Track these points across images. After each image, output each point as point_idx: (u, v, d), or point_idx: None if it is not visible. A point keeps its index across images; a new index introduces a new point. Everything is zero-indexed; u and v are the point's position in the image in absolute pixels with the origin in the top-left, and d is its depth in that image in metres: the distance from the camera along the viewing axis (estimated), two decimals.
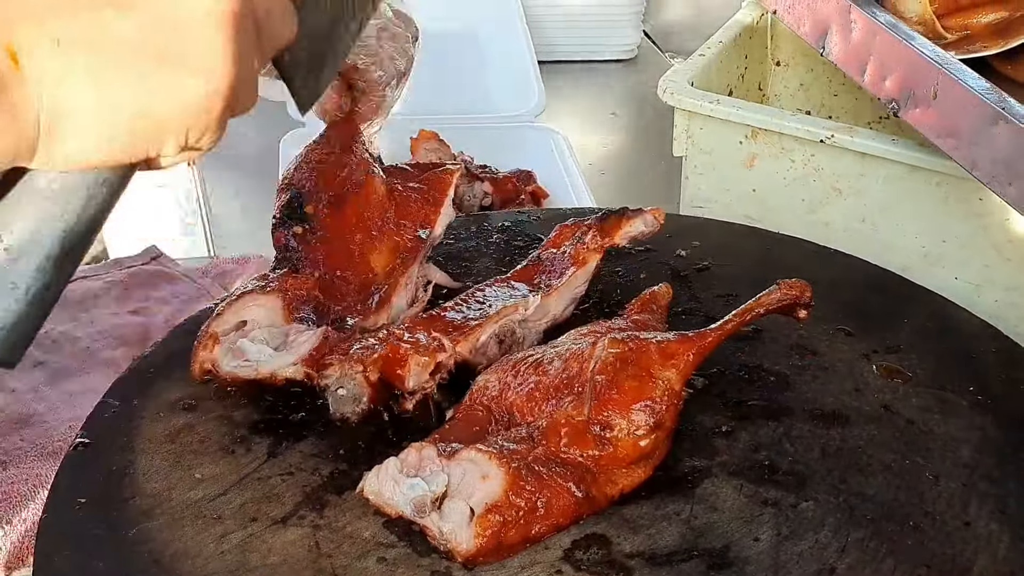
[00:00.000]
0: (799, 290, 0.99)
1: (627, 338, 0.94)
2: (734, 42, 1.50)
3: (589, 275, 1.13)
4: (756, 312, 0.97)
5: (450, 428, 0.94)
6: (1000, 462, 0.98)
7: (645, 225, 1.15)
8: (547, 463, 0.88)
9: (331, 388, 0.99)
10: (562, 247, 1.14)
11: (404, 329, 1.02)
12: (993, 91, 1.00)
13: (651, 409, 0.90)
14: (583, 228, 1.14)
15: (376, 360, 0.98)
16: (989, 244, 1.25)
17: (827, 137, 1.26)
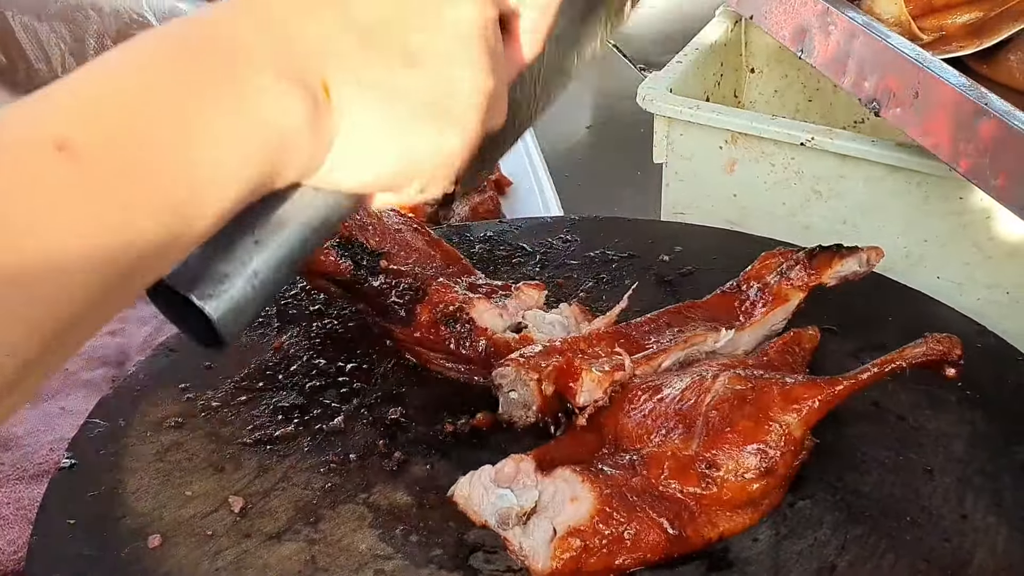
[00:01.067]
0: (947, 346, 0.93)
1: (750, 376, 0.90)
2: (710, 49, 1.51)
3: (788, 314, 1.07)
4: (898, 365, 0.91)
5: (557, 445, 0.92)
6: (993, 455, 0.98)
7: (859, 265, 1.08)
8: (643, 494, 0.85)
9: (503, 388, 0.98)
10: (764, 279, 1.08)
11: (587, 341, 1.00)
12: (974, 87, 1.01)
13: (764, 453, 0.85)
14: (790, 262, 1.08)
15: (551, 372, 0.96)
16: (970, 242, 1.26)
17: (807, 140, 1.26)
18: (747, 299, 1.07)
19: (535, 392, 0.97)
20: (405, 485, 0.94)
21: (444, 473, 0.95)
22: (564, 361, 0.96)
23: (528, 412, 0.98)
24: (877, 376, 0.90)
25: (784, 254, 1.09)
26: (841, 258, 1.07)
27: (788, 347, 1.01)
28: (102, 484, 0.93)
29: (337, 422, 1.01)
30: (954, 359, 0.92)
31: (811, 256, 1.08)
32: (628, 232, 1.29)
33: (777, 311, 1.06)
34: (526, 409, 0.98)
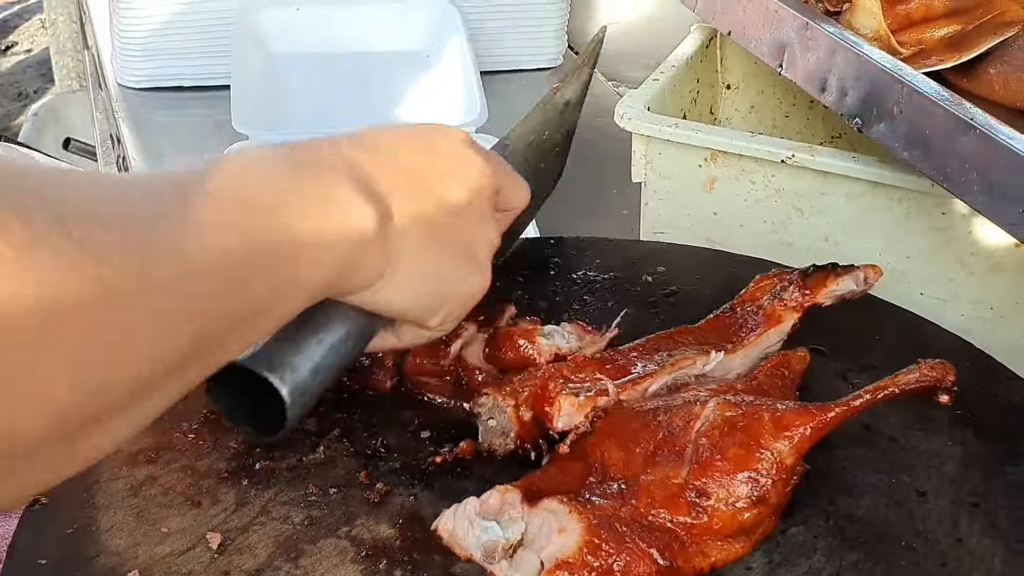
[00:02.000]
0: (941, 372, 0.91)
1: (740, 402, 0.89)
2: (686, 66, 1.50)
3: (783, 335, 1.05)
4: (890, 391, 0.90)
5: (543, 474, 0.90)
6: (986, 476, 0.97)
7: (856, 284, 1.06)
8: (631, 524, 0.83)
9: (482, 417, 0.97)
10: (759, 301, 1.06)
11: (572, 368, 0.98)
12: (958, 102, 1.00)
13: (755, 481, 0.84)
14: (783, 283, 1.06)
15: (527, 397, 0.95)
16: (953, 258, 1.25)
17: (787, 157, 1.25)
18: (740, 322, 1.05)
19: (512, 419, 0.96)
20: (388, 517, 0.91)
21: (428, 504, 0.93)
22: (539, 385, 0.95)
23: (507, 440, 0.97)
24: (869, 403, 0.89)
25: (778, 275, 1.07)
26: (836, 277, 1.06)
27: (777, 370, 1.00)
28: (75, 522, 0.90)
29: (317, 453, 0.98)
30: (947, 385, 0.91)
31: (805, 276, 1.06)
32: (610, 253, 1.27)
33: (771, 333, 1.04)
34: (504, 437, 0.97)
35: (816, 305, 1.06)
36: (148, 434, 0.99)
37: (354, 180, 0.71)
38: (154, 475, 0.95)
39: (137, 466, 0.96)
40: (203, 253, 0.59)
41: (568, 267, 1.25)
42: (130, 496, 0.92)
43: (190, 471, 0.95)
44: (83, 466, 0.58)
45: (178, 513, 0.91)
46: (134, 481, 0.94)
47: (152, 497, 0.92)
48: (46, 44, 5.17)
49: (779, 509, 0.87)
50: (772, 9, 1.21)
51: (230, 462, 0.97)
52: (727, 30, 1.31)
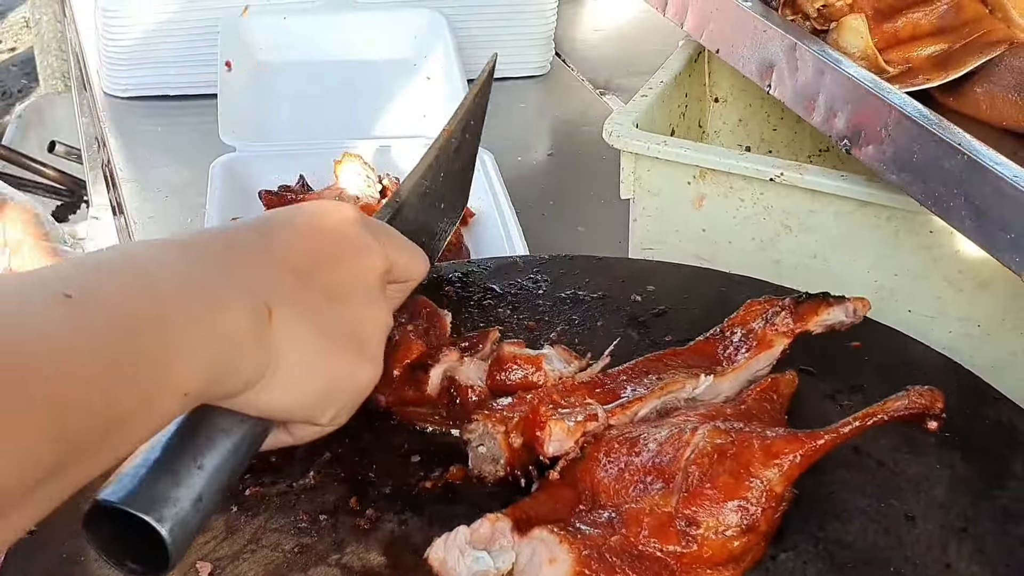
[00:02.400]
0: (929, 399, 0.91)
1: (730, 429, 0.89)
2: (674, 81, 1.50)
3: (773, 359, 1.05)
4: (879, 418, 0.90)
5: (533, 501, 0.89)
6: (974, 500, 0.97)
7: (846, 315, 1.06)
8: (621, 554, 0.83)
9: (472, 443, 0.97)
10: (749, 325, 1.06)
11: (561, 392, 0.98)
12: (946, 126, 1.00)
13: (744, 510, 0.84)
14: (775, 308, 1.06)
15: (518, 423, 0.94)
16: (941, 276, 1.25)
17: (776, 175, 1.25)
18: (730, 345, 1.06)
19: (502, 445, 0.95)
20: (378, 544, 0.91)
21: (417, 530, 0.93)
22: (529, 411, 0.95)
23: (497, 466, 0.96)
24: (859, 430, 0.89)
25: (770, 302, 1.08)
26: (828, 306, 1.06)
27: (766, 394, 1.00)
28: (63, 551, 0.89)
29: (307, 478, 0.98)
30: (936, 412, 0.91)
31: (797, 303, 1.07)
32: (599, 271, 1.27)
33: (761, 357, 1.04)
34: (495, 463, 0.96)
35: (806, 332, 1.06)
36: None
37: (234, 280, 0.70)
38: None
39: None
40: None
41: (556, 286, 1.24)
42: None
43: None
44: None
45: None
46: None
47: None
48: (31, 43, 5.14)
49: (768, 536, 0.88)
50: (760, 29, 1.21)
51: None
52: (715, 48, 1.31)
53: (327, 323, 0.76)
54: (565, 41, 2.69)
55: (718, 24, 1.30)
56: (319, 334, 0.75)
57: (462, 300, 1.22)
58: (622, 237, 1.56)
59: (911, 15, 1.25)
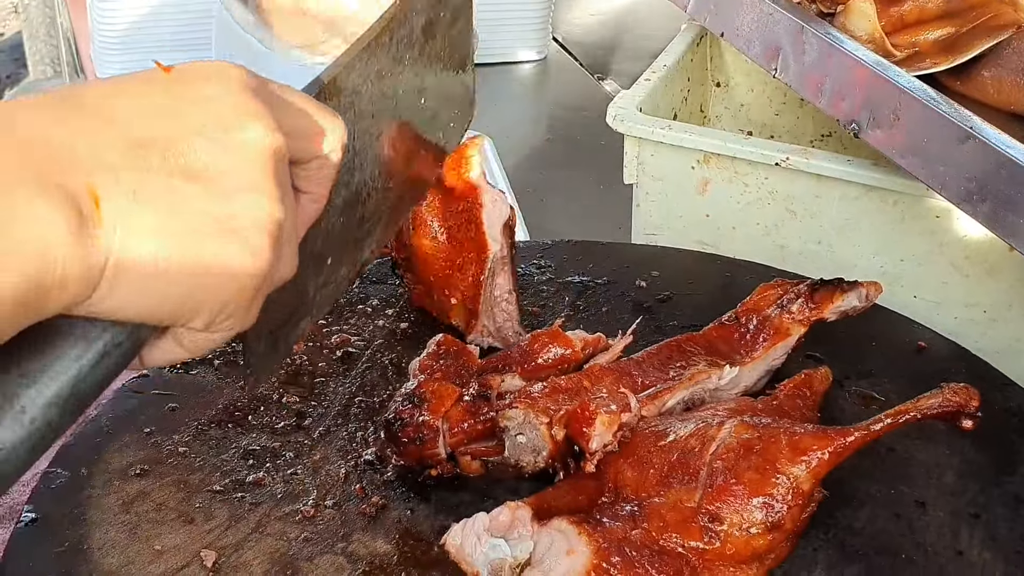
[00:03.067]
0: (964, 396, 0.89)
1: (757, 423, 0.86)
2: (677, 65, 1.48)
3: (789, 348, 1.04)
4: (912, 416, 0.88)
5: (555, 492, 0.88)
6: (984, 487, 0.97)
7: (859, 300, 1.06)
8: (642, 548, 0.81)
9: (510, 431, 0.92)
10: (764, 312, 1.05)
11: (590, 379, 0.95)
12: (957, 110, 0.99)
13: (769, 507, 0.82)
14: (790, 295, 1.05)
15: (563, 416, 0.90)
16: (947, 261, 1.24)
17: (782, 160, 1.24)
18: (747, 332, 1.04)
19: (545, 437, 0.92)
20: (384, 532, 0.90)
21: (424, 518, 0.92)
22: (579, 405, 0.91)
23: (538, 457, 0.93)
24: (890, 427, 0.87)
25: (782, 286, 1.06)
26: (843, 293, 1.05)
27: (799, 390, 0.98)
28: (66, 539, 0.88)
29: (310, 465, 0.97)
30: (971, 411, 0.88)
31: (813, 290, 1.05)
32: (603, 257, 1.26)
33: (778, 346, 1.03)
34: (535, 454, 0.93)
35: (821, 320, 1.05)
36: (139, 447, 0.98)
37: (39, 176, 0.57)
38: (146, 490, 0.93)
39: (128, 481, 0.94)
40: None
41: (560, 271, 1.24)
42: (122, 512, 0.91)
43: (183, 486, 0.94)
44: None
45: (171, 530, 0.89)
46: (126, 496, 0.92)
47: (144, 513, 0.91)
48: (18, 28, 5.10)
49: (794, 535, 0.86)
50: (766, 12, 1.20)
51: (223, 476, 0.95)
52: (720, 31, 1.30)
53: (181, 206, 0.61)
54: (562, 25, 2.68)
55: (723, 7, 1.29)
56: (167, 219, 0.60)
57: None
58: (622, 222, 1.55)
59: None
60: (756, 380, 1.03)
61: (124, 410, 1.02)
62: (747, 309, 1.06)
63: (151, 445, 0.98)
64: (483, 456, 0.95)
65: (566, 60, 2.54)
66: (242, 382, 1.00)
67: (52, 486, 0.93)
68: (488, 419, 0.94)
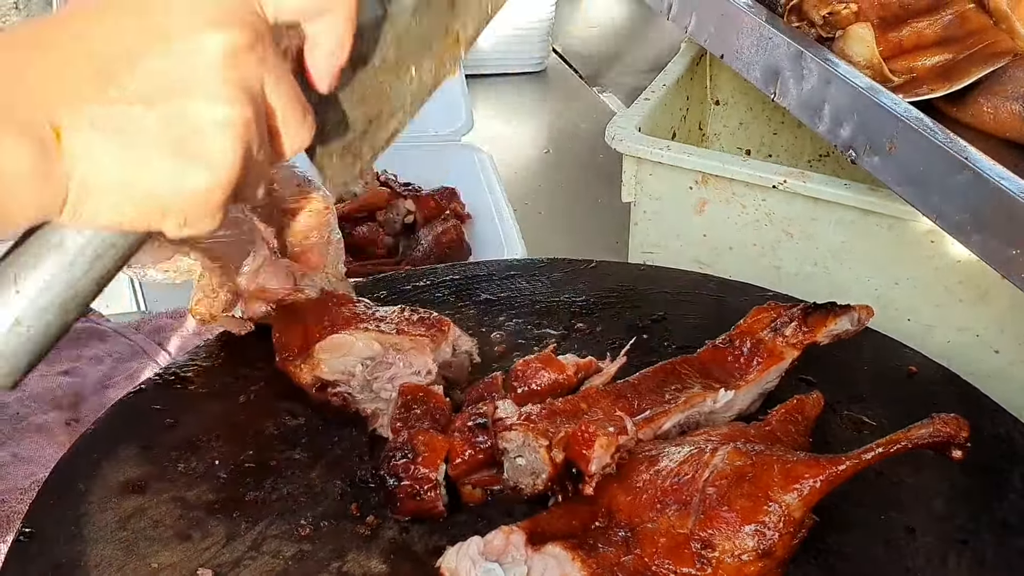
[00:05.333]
0: (955, 427, 0.90)
1: (750, 451, 0.87)
2: (676, 84, 1.49)
3: (783, 371, 1.05)
4: (902, 445, 0.89)
5: (549, 515, 0.88)
6: (973, 512, 0.97)
7: (851, 323, 1.06)
8: (634, 574, 0.82)
9: (509, 454, 0.93)
10: (757, 335, 1.05)
11: (586, 401, 0.96)
12: (953, 140, 1.00)
13: (761, 534, 0.82)
14: (784, 318, 1.06)
15: (563, 439, 0.91)
16: (941, 285, 1.25)
17: (779, 183, 1.25)
18: (740, 355, 1.05)
19: (544, 460, 0.92)
20: (379, 551, 0.91)
21: (419, 538, 0.92)
22: (579, 427, 0.91)
23: (537, 480, 0.93)
24: (882, 456, 0.88)
25: (775, 309, 1.07)
26: (835, 316, 1.06)
27: (791, 415, 0.99)
28: (62, 556, 0.89)
29: (306, 483, 0.97)
30: (961, 441, 0.89)
31: (807, 314, 1.06)
32: (598, 276, 1.27)
33: (772, 369, 1.04)
34: (535, 476, 0.93)
35: (815, 343, 1.06)
36: (136, 463, 0.98)
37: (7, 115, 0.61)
38: (143, 506, 0.94)
39: (125, 497, 0.95)
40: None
41: (555, 290, 1.24)
42: (119, 529, 0.91)
43: (179, 502, 0.95)
44: None
45: (168, 547, 0.90)
46: (123, 513, 0.93)
47: (141, 530, 0.91)
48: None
49: (785, 562, 0.86)
50: (766, 35, 1.21)
51: (219, 492, 0.96)
52: (720, 53, 1.31)
53: (136, 133, 0.64)
54: (561, 36, 2.69)
55: (722, 29, 1.30)
56: (125, 146, 0.64)
57: (460, 304, 1.22)
58: (619, 237, 1.56)
59: (916, 24, 1.25)
60: (750, 403, 1.04)
61: (122, 425, 1.03)
62: (741, 332, 1.07)
63: (149, 460, 0.99)
64: (486, 486, 0.95)
65: (565, 71, 2.55)
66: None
67: (48, 502, 0.94)
68: (488, 447, 0.94)
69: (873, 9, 1.24)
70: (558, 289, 1.25)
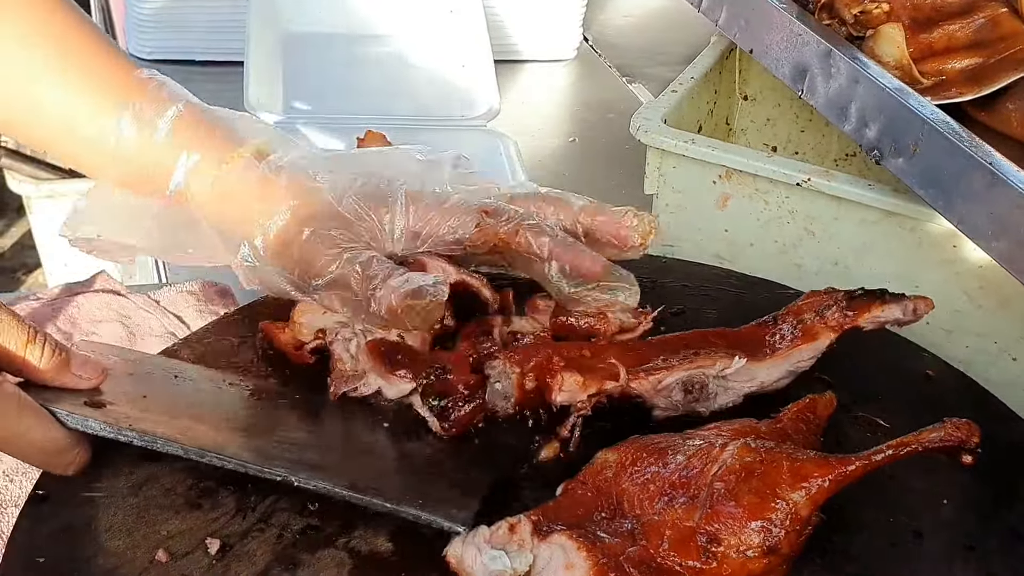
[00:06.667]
0: (966, 432, 0.89)
1: (761, 447, 0.87)
2: (705, 77, 1.49)
3: (817, 352, 1.04)
4: (913, 448, 0.88)
5: (556, 505, 0.89)
6: (982, 519, 0.97)
7: (903, 313, 1.04)
8: (640, 565, 0.82)
9: (491, 380, 0.99)
10: (802, 316, 1.05)
11: (592, 349, 1.00)
12: (978, 145, 1.00)
13: (767, 531, 0.82)
14: (829, 301, 1.05)
15: (533, 367, 0.97)
16: (961, 290, 1.25)
17: (803, 180, 1.25)
18: (778, 333, 1.05)
19: (515, 384, 0.98)
20: (386, 530, 0.91)
21: None
22: (546, 356, 0.97)
23: (507, 404, 0.99)
24: (891, 458, 0.87)
25: (830, 295, 1.07)
26: (883, 304, 1.05)
27: (803, 414, 0.98)
28: (74, 519, 0.90)
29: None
30: (972, 446, 0.89)
31: (851, 297, 1.06)
32: None
33: (804, 348, 1.04)
34: (506, 401, 0.99)
35: (856, 328, 1.05)
36: None
37: None
38: (156, 474, 0.95)
39: (139, 464, 0.96)
40: None
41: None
42: (130, 495, 0.92)
43: (192, 472, 0.95)
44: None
45: (178, 515, 0.91)
46: (136, 479, 0.94)
47: (153, 497, 0.92)
48: None
49: (790, 559, 0.86)
50: (796, 32, 1.20)
51: None
52: (749, 48, 1.30)
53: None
54: (594, 25, 2.69)
55: (753, 24, 1.30)
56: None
57: None
58: None
59: (947, 27, 1.24)
60: (776, 379, 1.03)
61: None
62: (787, 312, 1.06)
63: None
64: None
65: (596, 61, 2.54)
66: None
67: None
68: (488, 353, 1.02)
69: (905, 10, 1.24)
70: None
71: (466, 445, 0.99)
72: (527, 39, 2.44)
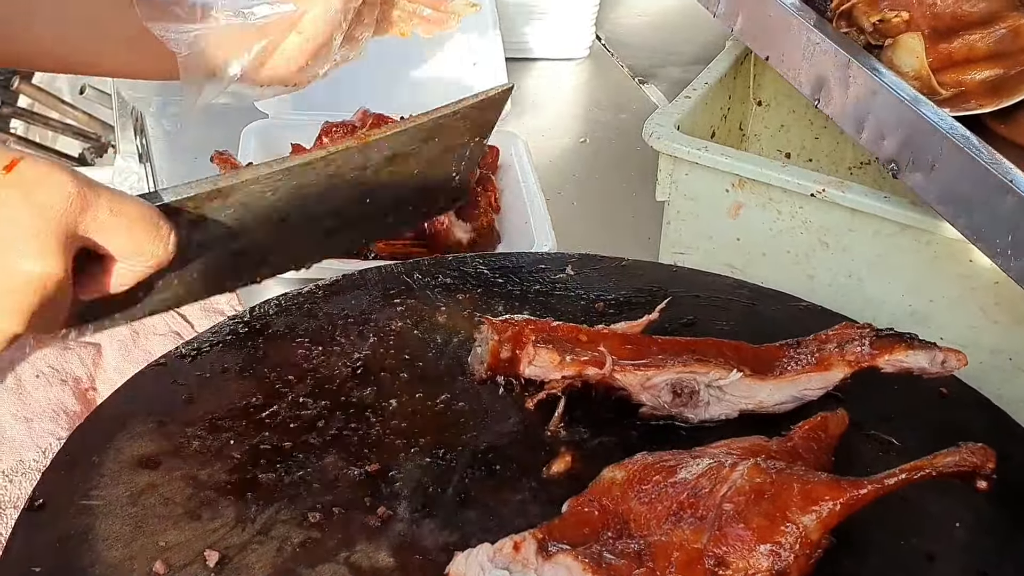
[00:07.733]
0: (982, 457, 0.88)
1: (771, 468, 0.85)
2: (719, 83, 1.47)
3: (827, 384, 1.02)
4: (927, 472, 0.86)
5: (561, 523, 0.87)
6: (996, 544, 0.95)
7: (930, 364, 1.02)
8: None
9: (476, 343, 1.06)
10: (825, 345, 1.04)
11: (590, 334, 1.02)
12: (998, 161, 0.98)
13: (776, 555, 0.81)
14: (854, 335, 1.03)
15: (508, 336, 1.00)
16: (976, 306, 1.23)
17: (818, 191, 1.23)
18: (794, 357, 1.03)
19: (490, 350, 1.02)
20: (388, 544, 0.90)
21: (429, 532, 0.91)
22: (519, 327, 1.00)
23: (482, 368, 1.04)
24: (905, 482, 0.86)
25: (860, 329, 1.05)
26: (908, 348, 1.03)
27: (814, 432, 0.97)
28: (71, 528, 0.88)
29: (320, 469, 0.97)
30: (987, 472, 0.87)
31: (878, 336, 1.03)
32: (627, 275, 1.25)
33: (813, 377, 1.02)
34: (481, 364, 1.05)
35: (874, 368, 1.03)
36: (151, 438, 0.98)
37: None
38: (155, 483, 0.93)
39: (138, 472, 0.94)
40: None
41: (583, 287, 1.23)
42: (129, 505, 0.91)
43: (191, 481, 0.94)
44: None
45: (176, 526, 0.89)
46: (134, 488, 0.92)
47: (151, 507, 0.91)
48: None
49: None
50: (814, 41, 1.18)
51: (232, 473, 0.95)
52: (765, 55, 1.28)
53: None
54: (606, 23, 2.66)
55: (770, 31, 1.27)
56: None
57: (486, 296, 1.21)
58: (651, 233, 1.54)
59: (968, 37, 1.22)
60: (778, 402, 1.02)
61: (139, 398, 1.02)
62: (814, 338, 1.05)
63: (163, 436, 0.98)
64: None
65: (608, 61, 2.52)
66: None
67: (61, 472, 0.93)
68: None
69: (925, 19, 1.22)
70: (587, 286, 1.23)
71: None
72: (539, 37, 2.42)
